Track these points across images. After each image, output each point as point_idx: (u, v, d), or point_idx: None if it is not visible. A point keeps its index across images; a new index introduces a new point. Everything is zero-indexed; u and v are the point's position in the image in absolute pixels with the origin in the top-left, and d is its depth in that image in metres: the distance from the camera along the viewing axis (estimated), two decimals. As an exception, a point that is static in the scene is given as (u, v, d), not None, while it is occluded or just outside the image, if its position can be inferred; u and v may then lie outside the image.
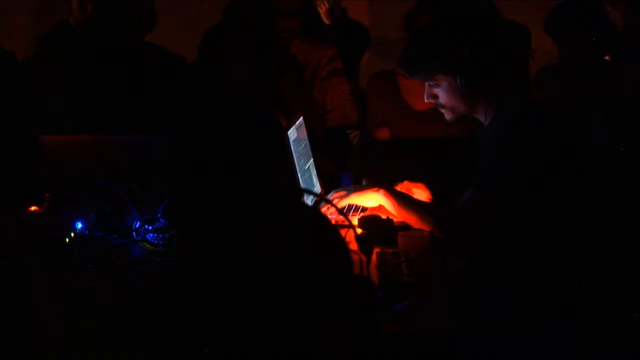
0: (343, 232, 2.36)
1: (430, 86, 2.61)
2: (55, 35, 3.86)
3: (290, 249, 1.76)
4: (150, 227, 2.52)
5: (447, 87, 2.56)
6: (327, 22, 4.41)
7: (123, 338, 1.92)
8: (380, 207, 2.81)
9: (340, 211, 2.63)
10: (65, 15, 3.81)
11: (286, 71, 3.63)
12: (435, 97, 2.61)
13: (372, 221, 2.61)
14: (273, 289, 1.74)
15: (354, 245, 2.30)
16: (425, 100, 2.66)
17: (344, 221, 2.60)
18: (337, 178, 3.71)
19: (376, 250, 2.37)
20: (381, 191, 2.79)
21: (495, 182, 2.47)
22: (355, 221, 2.65)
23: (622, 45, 3.82)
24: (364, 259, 2.21)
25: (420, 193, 2.93)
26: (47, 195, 2.53)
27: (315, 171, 3.01)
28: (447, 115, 2.63)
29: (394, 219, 2.69)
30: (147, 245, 2.51)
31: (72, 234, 2.46)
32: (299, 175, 2.77)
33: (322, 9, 4.32)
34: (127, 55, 3.52)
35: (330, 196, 2.85)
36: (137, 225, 2.56)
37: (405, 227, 2.69)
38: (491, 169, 2.49)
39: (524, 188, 2.43)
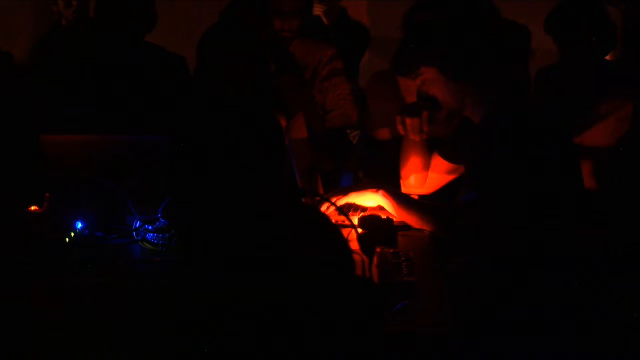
0: (345, 232, 2.36)
1: (421, 85, 2.64)
2: (53, 36, 3.87)
3: (292, 249, 1.76)
4: (150, 227, 2.52)
5: (434, 80, 2.59)
6: (326, 22, 4.42)
7: (123, 338, 1.92)
8: (380, 206, 2.81)
9: (342, 211, 2.63)
10: (55, 17, 3.84)
11: (286, 71, 3.62)
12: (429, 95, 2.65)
13: (372, 221, 2.60)
14: (275, 290, 1.74)
15: (354, 245, 2.30)
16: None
17: (344, 221, 2.60)
18: (337, 178, 3.71)
19: (376, 250, 2.37)
20: (380, 192, 2.79)
21: (495, 183, 2.47)
22: (355, 221, 2.65)
23: (622, 45, 3.82)
24: (366, 260, 2.21)
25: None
26: (47, 195, 2.53)
27: None
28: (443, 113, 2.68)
29: (394, 219, 2.69)
30: (147, 245, 2.51)
31: (72, 234, 2.46)
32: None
33: (320, 10, 4.33)
34: (127, 55, 3.52)
35: (329, 196, 2.85)
36: (137, 225, 2.56)
37: (405, 227, 2.69)
38: (491, 170, 2.49)
39: (524, 189, 2.43)
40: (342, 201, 2.82)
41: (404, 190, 3.07)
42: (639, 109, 3.46)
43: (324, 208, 2.75)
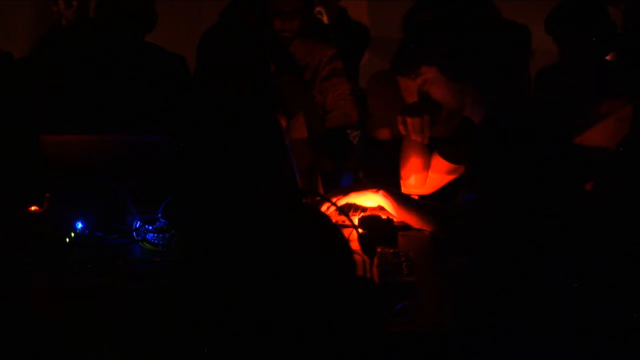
0: (345, 232, 2.36)
1: (421, 85, 2.66)
2: (53, 36, 3.88)
3: (292, 249, 1.76)
4: (150, 227, 2.52)
5: (434, 80, 2.60)
6: (325, 21, 4.43)
7: (123, 338, 1.92)
8: (380, 206, 2.81)
9: (343, 212, 2.63)
10: (55, 17, 3.85)
11: (286, 71, 3.63)
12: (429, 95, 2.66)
13: (372, 221, 2.60)
14: (275, 291, 1.74)
15: (355, 245, 2.30)
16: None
17: (344, 221, 2.59)
18: (337, 178, 3.71)
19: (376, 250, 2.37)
20: (381, 192, 2.79)
21: (496, 183, 2.47)
22: (355, 221, 2.65)
23: (622, 45, 3.81)
24: (366, 259, 2.21)
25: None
26: (47, 195, 2.53)
27: None
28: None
29: (394, 219, 2.69)
30: (147, 245, 2.51)
31: (72, 234, 2.46)
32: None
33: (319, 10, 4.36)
34: (127, 55, 3.52)
35: (329, 196, 2.85)
36: (137, 225, 2.56)
37: (405, 227, 2.69)
38: (491, 170, 2.49)
39: (524, 189, 2.43)
40: (342, 201, 2.82)
41: (404, 190, 3.07)
42: (638, 110, 3.46)
43: (324, 208, 2.75)
